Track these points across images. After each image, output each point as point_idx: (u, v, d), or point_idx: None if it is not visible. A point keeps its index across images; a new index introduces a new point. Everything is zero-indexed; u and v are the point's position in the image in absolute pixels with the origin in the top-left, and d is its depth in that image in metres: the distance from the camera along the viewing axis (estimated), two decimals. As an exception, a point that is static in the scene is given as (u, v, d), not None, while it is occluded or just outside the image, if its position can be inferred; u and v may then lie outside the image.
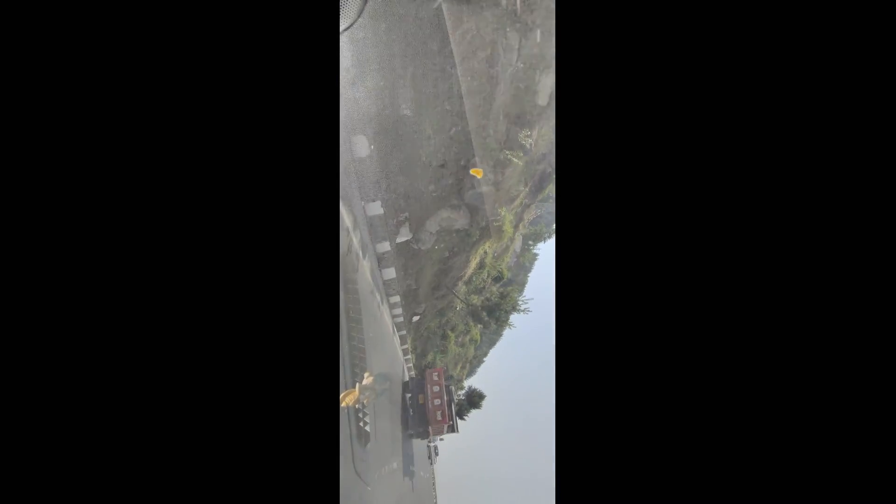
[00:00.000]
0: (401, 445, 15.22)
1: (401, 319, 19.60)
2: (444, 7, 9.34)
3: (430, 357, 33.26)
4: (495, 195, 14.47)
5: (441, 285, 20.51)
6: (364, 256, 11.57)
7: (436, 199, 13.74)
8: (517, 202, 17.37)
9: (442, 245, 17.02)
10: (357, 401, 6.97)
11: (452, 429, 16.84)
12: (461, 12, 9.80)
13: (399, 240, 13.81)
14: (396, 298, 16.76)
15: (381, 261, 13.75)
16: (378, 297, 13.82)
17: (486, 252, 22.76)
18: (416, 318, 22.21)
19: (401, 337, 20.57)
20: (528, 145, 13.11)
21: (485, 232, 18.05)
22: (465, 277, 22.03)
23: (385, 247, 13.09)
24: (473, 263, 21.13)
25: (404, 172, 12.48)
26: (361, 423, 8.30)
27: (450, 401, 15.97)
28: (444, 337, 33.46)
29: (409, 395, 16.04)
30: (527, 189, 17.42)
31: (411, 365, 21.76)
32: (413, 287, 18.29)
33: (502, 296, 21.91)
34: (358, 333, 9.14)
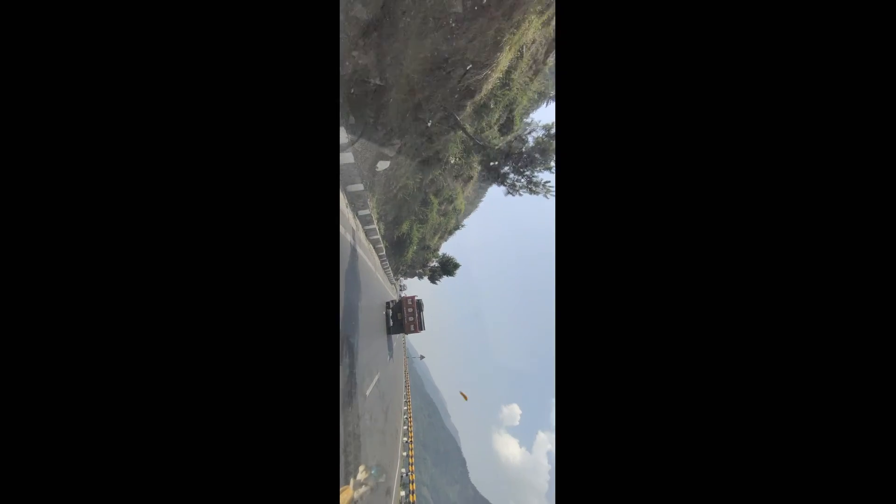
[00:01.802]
0: (387, 347, 19.15)
1: (351, 161, 10.04)
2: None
3: (405, 226, 25.95)
4: None
5: (434, 101, 10.26)
6: None
7: None
8: None
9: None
10: (352, 500, 5.45)
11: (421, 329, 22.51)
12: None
13: None
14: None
15: None
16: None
17: (522, 51, 11.90)
18: (383, 166, 12.52)
19: (350, 195, 11.23)
20: None
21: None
22: (480, 97, 11.66)
23: None
24: (502, 65, 10.55)
25: None
26: (353, 527, 6.40)
27: (419, 315, 20.69)
28: (426, 203, 25.55)
29: (390, 313, 20.44)
30: None
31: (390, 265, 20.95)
32: (377, 83, 8.04)
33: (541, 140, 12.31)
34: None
